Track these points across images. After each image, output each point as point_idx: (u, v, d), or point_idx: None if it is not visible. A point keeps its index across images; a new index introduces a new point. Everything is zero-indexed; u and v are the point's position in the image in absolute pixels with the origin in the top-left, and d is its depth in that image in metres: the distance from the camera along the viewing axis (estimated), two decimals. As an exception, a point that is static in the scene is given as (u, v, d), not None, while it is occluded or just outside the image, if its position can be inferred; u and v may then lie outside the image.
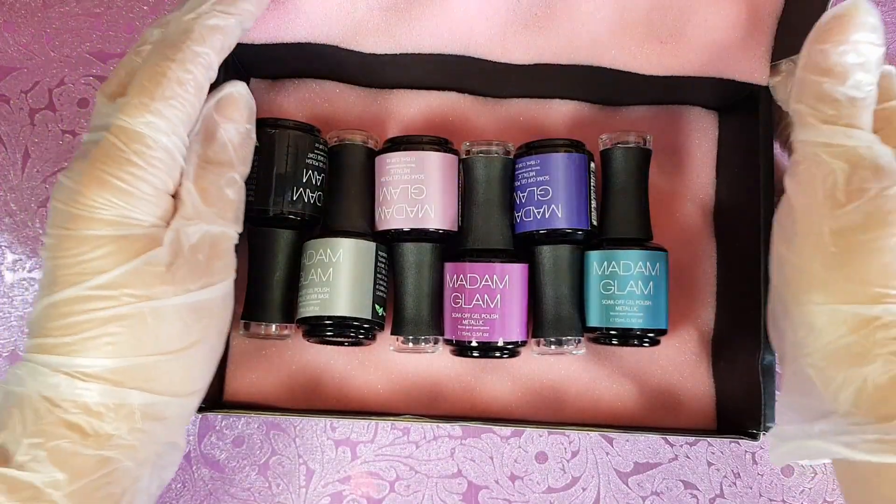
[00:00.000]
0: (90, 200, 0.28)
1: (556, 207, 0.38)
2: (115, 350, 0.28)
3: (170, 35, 0.30)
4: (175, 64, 0.29)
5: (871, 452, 0.29)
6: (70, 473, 0.28)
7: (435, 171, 0.38)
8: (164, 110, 0.29)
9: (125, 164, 0.29)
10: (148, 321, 0.29)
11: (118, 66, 0.32)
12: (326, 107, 0.43)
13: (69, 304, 0.28)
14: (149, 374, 0.29)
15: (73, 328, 0.28)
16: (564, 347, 0.39)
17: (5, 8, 0.44)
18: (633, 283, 0.38)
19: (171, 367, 0.30)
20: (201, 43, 0.30)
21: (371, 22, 0.37)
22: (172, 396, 0.30)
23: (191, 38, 0.30)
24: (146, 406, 0.29)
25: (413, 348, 0.39)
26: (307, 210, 0.38)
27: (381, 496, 0.42)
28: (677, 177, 0.43)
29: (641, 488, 0.42)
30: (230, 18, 0.31)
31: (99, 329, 0.28)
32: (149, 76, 0.29)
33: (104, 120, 0.30)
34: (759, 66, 0.38)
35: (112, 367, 0.28)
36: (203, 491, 0.42)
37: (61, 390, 0.28)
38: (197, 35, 0.30)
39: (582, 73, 0.39)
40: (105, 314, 0.28)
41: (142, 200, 0.29)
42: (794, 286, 0.32)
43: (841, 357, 0.30)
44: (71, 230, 0.28)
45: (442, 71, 0.41)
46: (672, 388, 0.41)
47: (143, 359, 0.29)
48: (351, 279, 0.37)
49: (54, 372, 0.28)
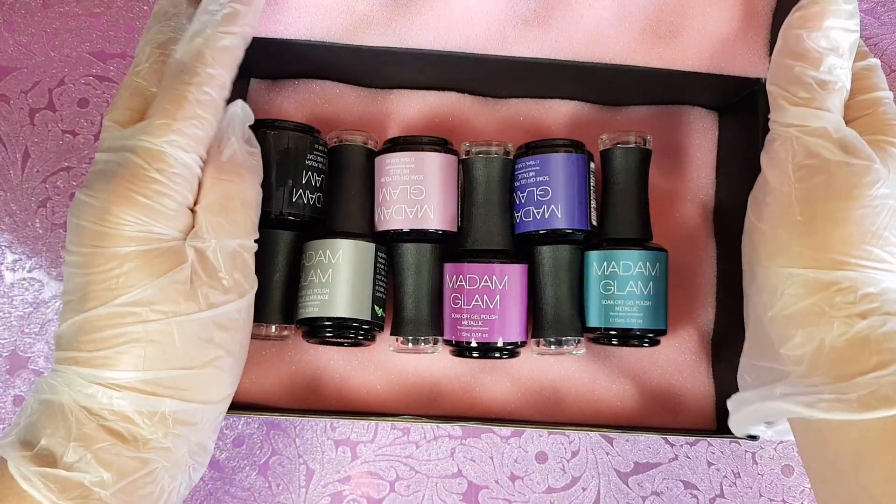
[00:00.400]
0: (118, 218, 0.30)
1: (556, 208, 0.38)
2: (145, 363, 0.30)
3: (183, 59, 0.32)
4: (193, 87, 0.31)
5: (828, 411, 0.30)
6: (115, 473, 0.29)
7: (434, 172, 0.38)
8: (185, 130, 0.31)
9: (150, 182, 0.30)
10: (175, 335, 0.31)
11: (120, 89, 0.33)
12: (326, 107, 0.43)
13: (101, 320, 0.30)
14: (179, 384, 0.31)
15: (105, 342, 0.30)
16: (564, 348, 0.39)
17: (5, 8, 0.44)
18: (633, 284, 0.38)
19: (199, 376, 0.31)
20: (214, 65, 0.32)
21: (372, 16, 0.37)
22: (202, 404, 0.32)
23: (204, 62, 0.32)
24: (178, 412, 0.31)
25: (412, 349, 0.39)
26: (306, 211, 0.38)
27: (381, 496, 0.42)
28: (677, 177, 0.43)
29: (641, 488, 0.42)
30: (236, 38, 0.33)
31: (130, 344, 0.30)
32: (170, 99, 0.31)
33: (118, 142, 0.31)
34: (757, 59, 0.38)
35: (144, 379, 0.30)
36: (203, 491, 0.42)
37: (98, 400, 0.30)
38: (209, 58, 0.32)
39: (582, 73, 0.39)
40: (134, 329, 0.30)
41: (165, 216, 0.31)
42: (760, 251, 0.34)
43: (800, 317, 0.32)
44: (101, 247, 0.30)
45: (442, 71, 0.41)
46: (672, 389, 0.41)
47: (172, 371, 0.31)
48: (350, 280, 0.37)
49: (90, 383, 0.30)
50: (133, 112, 0.32)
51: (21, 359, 0.42)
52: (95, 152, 0.31)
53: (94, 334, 0.30)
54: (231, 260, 0.33)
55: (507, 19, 0.38)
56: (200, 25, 0.32)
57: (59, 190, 0.43)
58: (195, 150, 0.31)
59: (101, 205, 0.30)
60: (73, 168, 0.43)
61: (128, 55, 0.44)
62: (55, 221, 0.43)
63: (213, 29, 0.32)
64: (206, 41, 0.32)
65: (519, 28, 0.38)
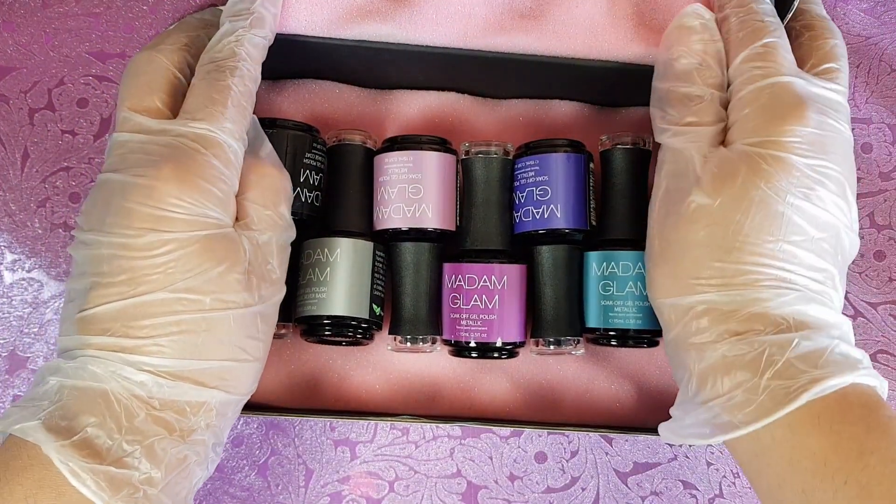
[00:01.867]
0: (178, 200, 0.29)
1: (555, 208, 0.38)
2: (201, 352, 0.30)
3: (216, 57, 0.33)
4: (236, 79, 0.32)
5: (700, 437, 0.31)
6: (164, 470, 0.28)
7: (432, 171, 0.38)
8: (234, 117, 0.32)
9: (208, 168, 0.30)
10: (232, 326, 0.30)
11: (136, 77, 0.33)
12: (326, 107, 0.43)
13: (155, 307, 0.29)
14: (225, 376, 0.31)
15: (159, 329, 0.29)
16: (563, 348, 0.39)
17: (5, 8, 0.44)
18: (632, 284, 0.38)
19: (243, 369, 0.31)
20: (248, 61, 0.33)
21: (370, 8, 0.37)
22: (242, 396, 0.32)
23: (240, 58, 0.33)
24: (222, 405, 0.31)
25: (411, 348, 0.39)
26: (305, 210, 0.38)
27: (380, 496, 0.42)
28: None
29: (641, 488, 0.42)
30: (262, 40, 0.34)
31: (186, 334, 0.29)
32: (217, 90, 0.32)
33: (159, 127, 0.31)
34: None
35: (196, 369, 0.29)
36: (202, 491, 0.42)
37: (149, 388, 0.29)
38: (244, 54, 0.33)
39: (582, 74, 0.39)
40: (192, 317, 0.29)
41: (221, 202, 0.31)
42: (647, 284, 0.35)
43: (676, 348, 0.32)
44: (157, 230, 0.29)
45: (441, 71, 0.41)
46: (671, 389, 0.41)
47: (223, 363, 0.30)
48: (348, 279, 0.38)
49: (140, 371, 0.29)
50: (165, 98, 0.32)
51: (20, 359, 0.42)
52: (95, 152, 0.31)
53: (147, 320, 0.29)
54: (280, 253, 0.33)
55: (504, 12, 0.38)
56: (230, 27, 0.34)
57: (58, 190, 0.43)
58: (242, 139, 0.32)
59: (159, 185, 0.29)
60: (73, 168, 0.43)
61: (127, 55, 0.44)
62: (54, 221, 0.43)
63: (244, 31, 0.33)
64: (238, 40, 0.33)
65: (516, 20, 0.38)
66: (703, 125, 0.33)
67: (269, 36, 0.35)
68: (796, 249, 0.30)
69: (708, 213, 0.31)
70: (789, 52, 0.33)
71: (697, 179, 0.32)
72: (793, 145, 0.30)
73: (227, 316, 0.30)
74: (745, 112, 0.32)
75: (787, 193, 0.30)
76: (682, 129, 0.33)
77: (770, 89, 0.32)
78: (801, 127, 0.31)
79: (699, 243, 0.31)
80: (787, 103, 0.31)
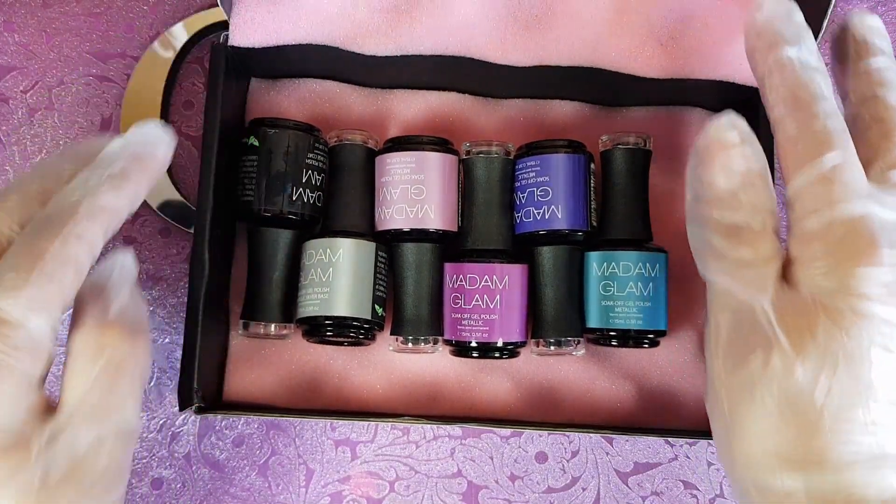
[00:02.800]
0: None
1: (556, 208, 0.38)
2: None
3: (51, 213, 0.27)
4: (58, 242, 0.26)
5: None
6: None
7: (435, 172, 0.38)
8: (40, 289, 0.25)
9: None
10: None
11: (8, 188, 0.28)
12: (326, 107, 0.43)
13: None
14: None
15: None
16: (564, 348, 0.39)
17: (5, 8, 0.44)
18: (633, 285, 0.38)
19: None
20: (85, 222, 0.27)
21: (372, 23, 0.37)
22: None
23: (76, 219, 0.26)
24: None
25: (412, 348, 0.39)
26: (307, 210, 0.38)
27: (380, 496, 0.42)
28: (677, 178, 0.43)
29: (641, 488, 0.42)
30: (120, 199, 0.28)
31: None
32: (29, 252, 0.26)
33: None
34: None
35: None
36: (203, 491, 0.42)
37: None
38: (82, 214, 0.27)
39: (582, 74, 0.39)
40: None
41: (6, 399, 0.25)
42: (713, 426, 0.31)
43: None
44: None
45: (442, 71, 0.41)
46: (671, 389, 0.41)
47: None
48: (350, 279, 0.38)
49: None
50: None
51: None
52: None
53: None
54: (110, 454, 0.27)
55: (507, 26, 0.38)
56: (83, 180, 0.28)
57: (58, 190, 0.43)
58: (50, 314, 0.26)
59: None
60: (73, 168, 0.43)
61: (127, 55, 0.44)
62: (55, 221, 0.43)
63: (97, 186, 0.27)
64: (84, 197, 0.27)
65: (520, 35, 0.38)
66: (764, 265, 0.28)
67: (134, 194, 0.28)
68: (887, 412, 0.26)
69: (788, 374, 0.27)
70: (858, 168, 0.27)
71: (772, 335, 0.27)
72: (871, 293, 0.26)
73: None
74: (814, 248, 0.27)
75: (871, 346, 0.26)
76: (738, 269, 0.28)
77: (841, 223, 0.27)
78: (876, 268, 0.26)
79: (780, 413, 0.27)
80: (862, 241, 0.26)
